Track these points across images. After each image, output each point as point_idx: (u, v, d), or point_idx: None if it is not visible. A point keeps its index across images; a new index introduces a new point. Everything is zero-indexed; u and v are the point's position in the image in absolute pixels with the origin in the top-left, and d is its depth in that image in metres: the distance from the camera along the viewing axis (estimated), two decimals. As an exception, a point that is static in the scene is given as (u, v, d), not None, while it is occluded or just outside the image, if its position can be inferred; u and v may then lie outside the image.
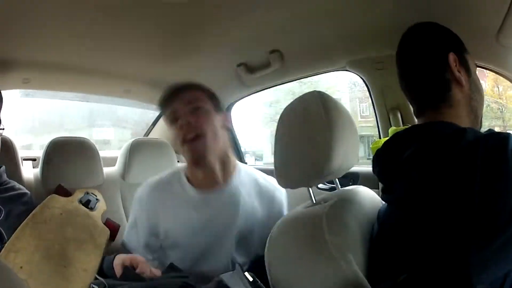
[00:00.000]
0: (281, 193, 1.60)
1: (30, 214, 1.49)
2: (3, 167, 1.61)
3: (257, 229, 1.50)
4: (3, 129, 1.53)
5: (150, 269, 1.30)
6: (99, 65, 1.96)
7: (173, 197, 1.52)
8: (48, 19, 1.42)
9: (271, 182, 1.59)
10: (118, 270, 1.32)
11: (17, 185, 1.62)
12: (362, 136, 3.36)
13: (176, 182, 1.56)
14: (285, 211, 1.58)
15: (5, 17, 1.38)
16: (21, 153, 1.88)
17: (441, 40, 1.08)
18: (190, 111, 1.47)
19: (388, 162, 1.04)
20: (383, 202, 1.11)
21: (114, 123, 3.57)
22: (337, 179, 1.38)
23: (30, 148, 2.77)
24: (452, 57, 1.04)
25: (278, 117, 1.20)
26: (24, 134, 2.49)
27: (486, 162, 0.83)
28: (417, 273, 0.87)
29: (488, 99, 2.82)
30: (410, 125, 1.32)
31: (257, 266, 1.35)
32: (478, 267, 0.81)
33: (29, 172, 1.93)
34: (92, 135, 3.54)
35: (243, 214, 1.49)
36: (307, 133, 1.10)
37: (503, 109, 3.04)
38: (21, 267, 1.34)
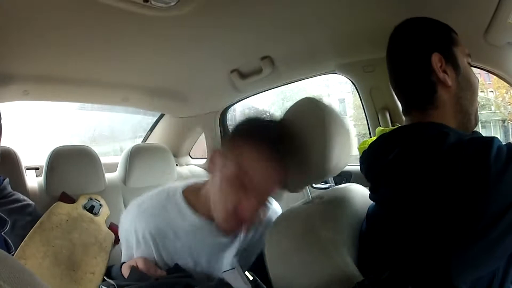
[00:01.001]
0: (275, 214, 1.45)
1: (38, 222, 1.53)
2: (7, 179, 1.62)
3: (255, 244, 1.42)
4: None
5: (156, 269, 1.34)
6: (97, 76, 1.99)
7: (170, 226, 1.32)
8: (45, 31, 1.43)
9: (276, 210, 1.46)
10: (126, 272, 1.36)
11: (22, 196, 1.64)
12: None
13: (173, 207, 1.35)
14: None
15: (3, 31, 1.39)
16: (25, 162, 1.91)
17: (425, 40, 1.05)
18: (263, 198, 1.20)
19: (373, 164, 1.06)
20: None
21: None
22: (332, 178, 1.43)
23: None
24: (436, 57, 1.02)
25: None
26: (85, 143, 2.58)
27: (467, 169, 0.84)
28: (400, 271, 0.87)
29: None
30: (398, 125, 1.34)
31: (257, 262, 1.39)
32: (458, 268, 0.83)
33: (33, 180, 1.95)
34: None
35: (250, 249, 1.38)
36: (305, 138, 1.14)
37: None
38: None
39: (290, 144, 1.16)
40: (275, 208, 1.47)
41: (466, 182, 0.83)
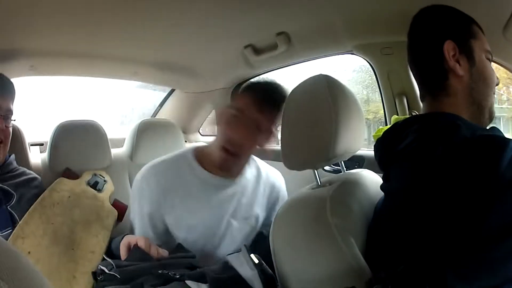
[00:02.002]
0: (280, 182, 1.68)
1: (39, 198, 1.53)
2: (13, 155, 1.63)
3: (260, 214, 1.57)
4: (14, 120, 1.56)
5: (157, 249, 1.32)
6: (105, 49, 1.96)
7: (181, 180, 1.48)
8: (52, 5, 1.41)
9: (270, 170, 1.68)
10: (123, 250, 1.34)
11: (27, 170, 1.65)
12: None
13: (184, 165, 1.52)
14: (283, 197, 1.66)
15: (10, 6, 1.37)
16: (29, 138, 1.89)
17: (441, 27, 1.05)
18: (261, 128, 1.43)
19: (386, 152, 1.05)
20: None
21: None
22: (342, 162, 1.39)
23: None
24: (449, 45, 1.02)
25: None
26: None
27: (473, 170, 0.81)
28: (414, 264, 0.86)
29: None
30: (415, 113, 1.30)
31: (259, 245, 1.38)
32: (453, 279, 0.80)
33: (37, 157, 1.93)
34: None
35: (247, 200, 1.54)
36: (313, 116, 1.11)
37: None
38: (29, 252, 1.37)
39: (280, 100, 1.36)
40: (277, 177, 1.69)
41: (471, 184, 0.81)
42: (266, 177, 1.63)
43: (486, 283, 0.81)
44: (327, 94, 1.09)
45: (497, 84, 1.10)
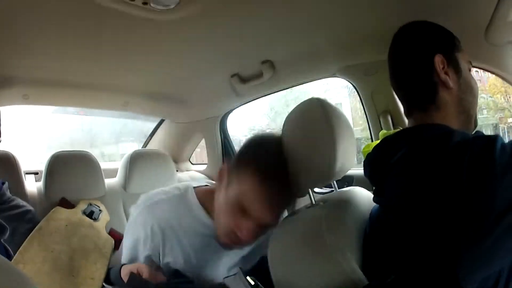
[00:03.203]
0: None
1: (37, 227, 1.53)
2: (6, 184, 1.62)
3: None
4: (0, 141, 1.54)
5: (156, 275, 1.33)
6: (97, 80, 1.99)
7: (181, 224, 1.36)
8: (45, 35, 1.44)
9: None
10: (126, 279, 1.34)
11: (21, 202, 1.64)
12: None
13: (184, 207, 1.38)
14: None
15: (3, 34, 1.39)
16: (24, 167, 1.90)
17: (429, 41, 1.08)
18: (262, 224, 1.24)
19: (378, 166, 1.06)
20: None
21: (137, 138, 3.58)
22: (335, 181, 1.42)
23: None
24: (438, 59, 1.04)
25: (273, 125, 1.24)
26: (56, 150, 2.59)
27: (473, 164, 0.84)
28: (405, 274, 0.88)
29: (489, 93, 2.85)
30: (400, 128, 1.33)
31: (260, 266, 1.38)
32: (466, 268, 0.82)
33: (32, 185, 1.94)
34: (118, 149, 3.63)
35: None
36: (310, 140, 1.13)
37: (508, 99, 3.04)
38: (30, 278, 1.37)
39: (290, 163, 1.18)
40: None
41: (473, 177, 0.83)
42: None
43: (495, 264, 0.85)
44: (322, 117, 1.10)
45: None
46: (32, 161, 2.01)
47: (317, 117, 1.12)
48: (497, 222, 0.80)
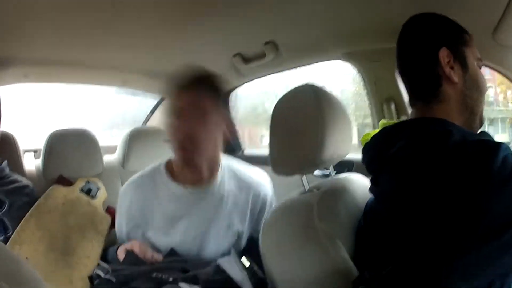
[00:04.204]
0: (266, 187, 1.61)
1: (35, 205, 1.54)
2: (5, 161, 1.64)
3: (245, 220, 1.53)
4: None
5: (152, 254, 1.34)
6: (96, 57, 1.98)
7: (154, 193, 1.48)
8: (44, 13, 1.43)
9: (253, 177, 1.61)
10: (122, 256, 1.36)
11: (19, 177, 1.66)
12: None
13: (159, 178, 1.50)
14: (271, 201, 1.60)
15: (2, 14, 1.39)
16: (23, 145, 1.90)
17: (436, 34, 1.05)
18: (193, 112, 1.39)
19: (375, 157, 1.05)
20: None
21: None
22: (332, 167, 1.41)
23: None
24: (444, 52, 1.02)
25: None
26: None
27: (468, 172, 0.82)
28: (401, 267, 0.87)
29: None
30: (403, 118, 1.31)
31: (252, 248, 1.39)
32: (448, 279, 0.81)
33: (31, 163, 1.95)
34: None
35: (228, 210, 1.49)
36: (300, 124, 1.13)
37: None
38: (26, 258, 1.39)
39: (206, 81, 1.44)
40: (262, 180, 1.61)
41: (464, 185, 0.81)
42: (249, 184, 1.58)
43: (482, 280, 0.84)
44: (313, 102, 1.11)
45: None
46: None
47: (308, 102, 1.12)
48: (485, 241, 0.79)
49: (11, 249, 1.36)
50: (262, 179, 1.62)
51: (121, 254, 1.37)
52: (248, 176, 1.60)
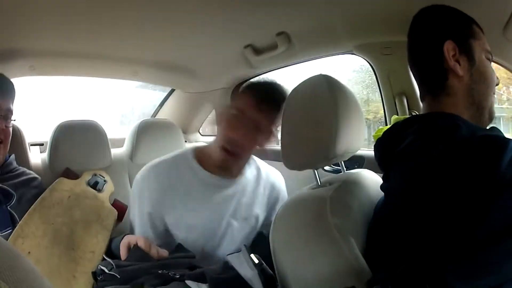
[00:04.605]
0: (279, 184, 1.68)
1: (39, 198, 1.53)
2: (13, 155, 1.64)
3: (260, 214, 1.58)
4: (14, 120, 1.57)
5: (157, 249, 1.32)
6: (105, 49, 1.96)
7: (180, 180, 1.49)
8: (52, 6, 1.41)
9: (271, 174, 1.68)
10: (123, 250, 1.34)
11: (27, 170, 1.66)
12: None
13: (184, 165, 1.53)
14: (282, 197, 1.66)
15: (10, 6, 1.37)
16: (29, 138, 1.89)
17: (441, 27, 1.05)
18: (255, 124, 1.43)
19: (386, 152, 1.05)
20: None
21: None
22: (342, 162, 1.38)
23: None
24: (449, 45, 1.02)
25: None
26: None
27: (475, 170, 0.81)
28: (413, 265, 0.86)
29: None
30: (416, 113, 1.29)
31: (259, 245, 1.38)
32: (452, 278, 0.80)
33: (37, 157, 1.93)
34: None
35: (250, 201, 1.54)
36: (313, 116, 1.11)
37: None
38: (29, 252, 1.38)
39: (278, 98, 1.39)
40: (277, 177, 1.70)
41: (472, 185, 0.80)
42: (266, 178, 1.64)
43: (486, 282, 0.81)
44: (327, 94, 1.09)
45: (497, 84, 1.10)
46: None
47: (321, 94, 1.11)
48: (491, 243, 0.77)
49: (14, 243, 1.36)
50: (277, 174, 1.71)
51: (123, 247, 1.35)
52: (265, 169, 1.68)
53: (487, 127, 1.07)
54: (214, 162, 1.49)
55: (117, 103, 3.32)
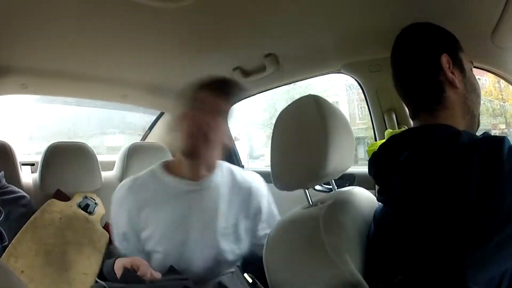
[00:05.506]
0: (258, 186, 1.63)
1: (31, 218, 1.52)
2: (2, 172, 1.63)
3: (241, 221, 1.53)
4: None
5: (150, 271, 1.30)
6: (96, 71, 1.96)
7: (151, 193, 1.47)
8: (46, 25, 1.42)
9: (247, 177, 1.64)
10: (119, 274, 1.33)
11: (16, 188, 1.65)
12: (358, 138, 3.39)
13: (153, 178, 1.52)
14: (265, 201, 1.61)
15: (3, 24, 1.38)
16: (20, 158, 1.88)
17: (434, 42, 1.07)
18: (212, 109, 1.46)
19: (384, 165, 1.04)
20: (379, 203, 1.11)
21: (123, 130, 3.57)
22: (333, 181, 1.39)
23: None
24: (445, 58, 1.03)
25: (273, 121, 1.22)
26: (39, 140, 2.49)
27: (481, 166, 0.83)
28: (412, 274, 0.87)
29: (486, 98, 2.84)
30: (406, 128, 1.30)
31: (252, 264, 1.36)
32: (473, 268, 0.81)
33: (28, 176, 1.93)
34: (103, 141, 3.59)
35: (223, 206, 1.51)
36: (303, 137, 1.12)
37: (505, 106, 3.02)
38: (22, 272, 1.36)
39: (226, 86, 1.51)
40: (254, 179, 1.65)
41: (481, 179, 0.83)
42: (243, 182, 1.61)
43: (503, 263, 0.84)
44: (316, 114, 1.09)
45: None
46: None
47: (311, 114, 1.11)
48: (506, 222, 0.80)
49: (6, 262, 1.35)
50: (255, 179, 1.66)
51: (118, 270, 1.34)
52: (242, 177, 1.63)
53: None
54: (180, 166, 1.50)
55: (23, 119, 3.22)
